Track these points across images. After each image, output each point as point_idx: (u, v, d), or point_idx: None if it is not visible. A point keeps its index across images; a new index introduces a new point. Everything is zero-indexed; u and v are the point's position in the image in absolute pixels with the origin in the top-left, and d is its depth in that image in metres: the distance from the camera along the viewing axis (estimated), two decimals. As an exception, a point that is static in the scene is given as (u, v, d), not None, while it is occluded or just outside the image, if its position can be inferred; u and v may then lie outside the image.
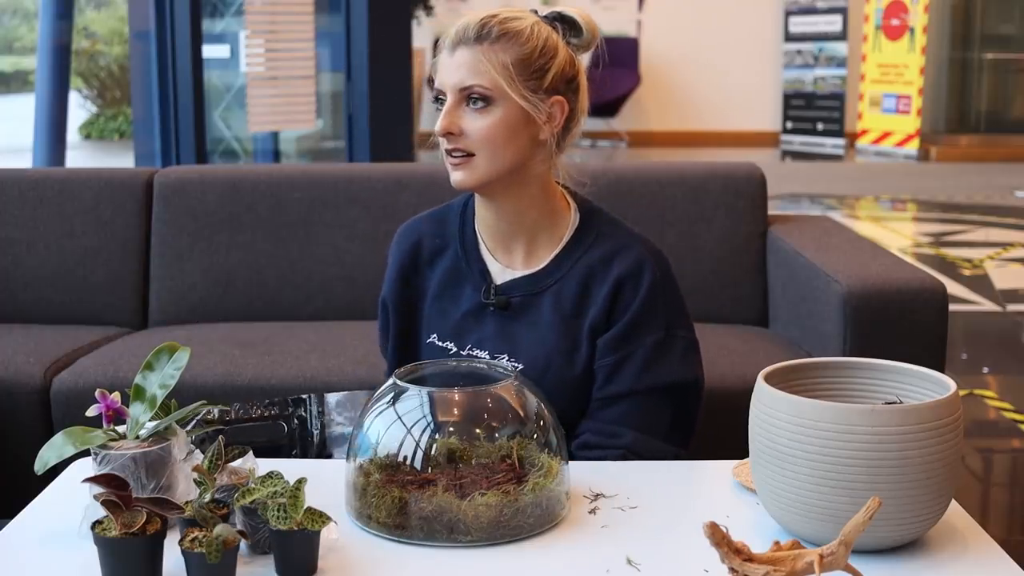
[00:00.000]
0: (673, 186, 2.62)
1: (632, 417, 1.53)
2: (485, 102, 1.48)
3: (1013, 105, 10.94)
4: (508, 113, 1.49)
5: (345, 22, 5.32)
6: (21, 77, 14.76)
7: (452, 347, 1.61)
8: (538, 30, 1.51)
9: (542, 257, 1.59)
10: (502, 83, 1.48)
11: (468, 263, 1.62)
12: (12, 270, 2.69)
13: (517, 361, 1.56)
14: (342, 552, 1.19)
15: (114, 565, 1.10)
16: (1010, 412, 3.56)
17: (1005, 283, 5.31)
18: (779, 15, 10.94)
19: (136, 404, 1.27)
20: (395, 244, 1.69)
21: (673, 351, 1.55)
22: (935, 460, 1.15)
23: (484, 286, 1.59)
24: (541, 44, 1.50)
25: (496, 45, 1.48)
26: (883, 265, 2.23)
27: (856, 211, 7.41)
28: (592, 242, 1.58)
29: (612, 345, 1.54)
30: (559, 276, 1.57)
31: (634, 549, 1.19)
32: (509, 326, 1.58)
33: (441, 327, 1.63)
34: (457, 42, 1.50)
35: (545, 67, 1.50)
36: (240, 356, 2.29)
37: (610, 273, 1.55)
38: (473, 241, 1.63)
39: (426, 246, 1.66)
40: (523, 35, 1.50)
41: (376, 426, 1.27)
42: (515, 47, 1.49)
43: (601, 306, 1.54)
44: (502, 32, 1.49)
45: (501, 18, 1.50)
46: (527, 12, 1.54)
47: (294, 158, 6.28)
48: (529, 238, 1.59)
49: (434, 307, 1.64)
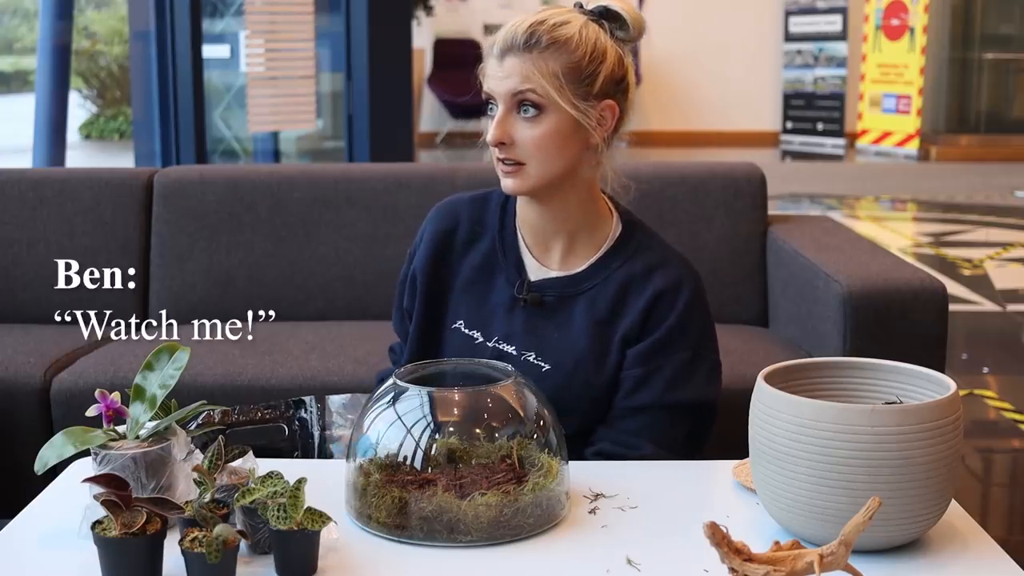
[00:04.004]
0: (673, 186, 2.62)
1: (652, 430, 1.54)
2: (537, 110, 1.48)
3: (1013, 105, 10.94)
4: (559, 122, 1.48)
5: (345, 22, 5.32)
6: (21, 77, 14.76)
7: (478, 336, 1.60)
8: (586, 34, 1.49)
9: (579, 260, 1.59)
10: (552, 93, 1.46)
11: (504, 255, 1.61)
12: (12, 270, 2.69)
13: (544, 361, 1.55)
14: (342, 552, 1.19)
15: (114, 565, 1.10)
16: (1010, 412, 3.56)
17: (1005, 283, 5.31)
18: (779, 15, 10.94)
19: (136, 404, 1.27)
20: (431, 221, 1.67)
21: (700, 371, 1.55)
22: (935, 460, 1.15)
23: (518, 281, 1.59)
24: (590, 49, 1.48)
25: (546, 53, 1.47)
26: (883, 265, 2.23)
27: (856, 211, 7.41)
28: (633, 253, 1.58)
29: (642, 357, 1.54)
30: (596, 282, 1.57)
31: (634, 549, 1.19)
32: (539, 324, 1.57)
33: (469, 315, 1.61)
34: (506, 49, 1.48)
35: (595, 72, 1.49)
36: (240, 356, 2.29)
37: (649, 286, 1.55)
38: (512, 234, 1.62)
39: (463, 231, 1.65)
40: (572, 42, 1.47)
41: (376, 426, 1.27)
42: (565, 55, 1.47)
43: (636, 317, 1.54)
44: (551, 40, 1.47)
45: (550, 24, 1.48)
46: (574, 12, 1.52)
47: (294, 158, 6.28)
48: (569, 240, 1.59)
49: (464, 294, 1.62)
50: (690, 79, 11.02)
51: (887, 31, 10.20)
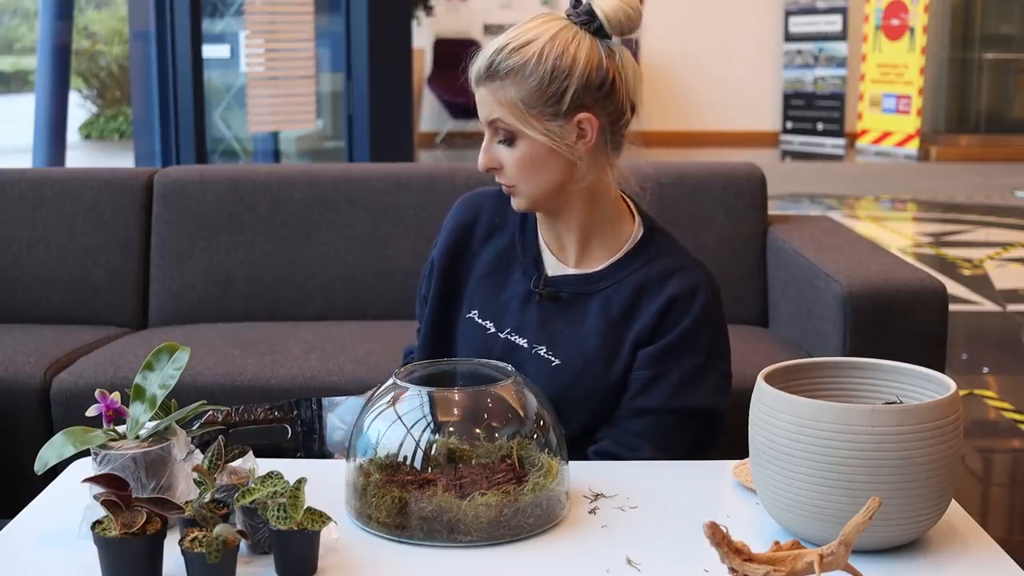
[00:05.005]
0: (673, 186, 2.62)
1: (654, 434, 1.53)
2: (509, 137, 1.50)
3: (1013, 105, 10.94)
4: (531, 146, 1.49)
5: (345, 22, 5.31)
6: (21, 77, 14.76)
7: (491, 327, 1.60)
8: (549, 51, 1.45)
9: (596, 260, 1.59)
10: (516, 122, 1.47)
11: (524, 249, 1.63)
12: (12, 270, 2.69)
13: (555, 356, 1.56)
14: (342, 552, 1.19)
15: (114, 565, 1.10)
16: (1010, 412, 3.56)
17: (1005, 283, 5.31)
18: (779, 15, 10.94)
19: (136, 404, 1.27)
20: (455, 212, 1.70)
21: (709, 379, 1.55)
22: (935, 460, 1.15)
23: (536, 275, 1.60)
24: (551, 69, 1.45)
25: (506, 81, 1.46)
26: (883, 265, 2.23)
27: (856, 211, 7.41)
28: (652, 257, 1.58)
29: (651, 360, 1.54)
30: (612, 282, 1.57)
31: (634, 549, 1.19)
32: (552, 319, 1.58)
33: (484, 305, 1.63)
34: (476, 79, 1.50)
35: (561, 90, 1.46)
36: (240, 356, 2.29)
37: (664, 290, 1.54)
38: (533, 229, 1.64)
39: (484, 222, 1.66)
40: (529, 66, 1.45)
41: (376, 426, 1.27)
42: (523, 80, 1.46)
43: (649, 320, 1.54)
44: (508, 68, 1.46)
45: (508, 51, 1.46)
46: (546, 25, 1.47)
47: (294, 158, 6.28)
48: (583, 240, 1.59)
49: (480, 285, 1.64)
50: (690, 79, 11.02)
51: (887, 31, 10.20)
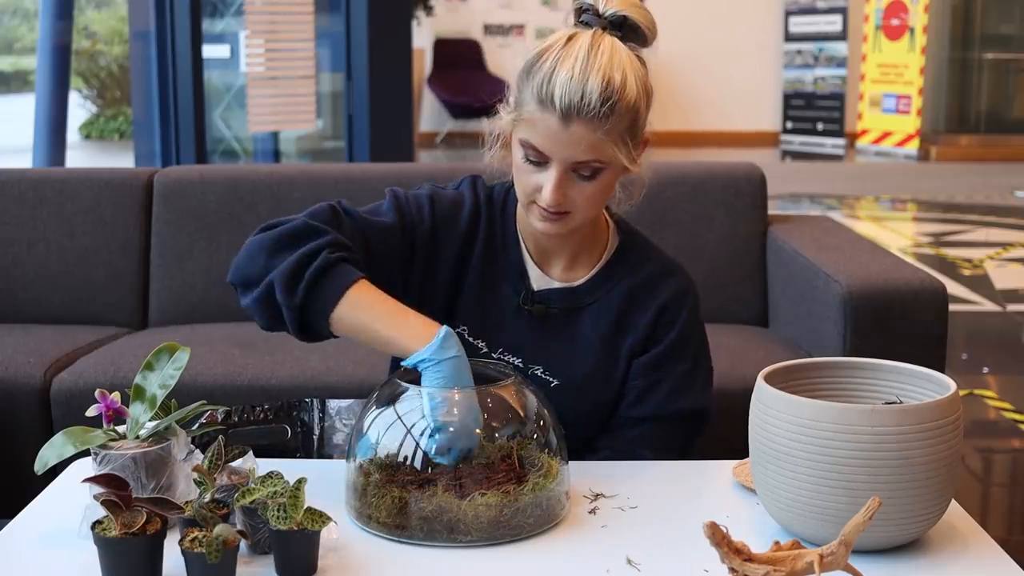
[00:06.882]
0: (673, 186, 2.62)
1: (653, 439, 1.54)
2: (595, 172, 1.42)
3: (1013, 105, 10.94)
4: (613, 174, 1.45)
5: (345, 22, 5.31)
6: (21, 77, 14.76)
7: (483, 346, 1.55)
8: (637, 77, 1.42)
9: (580, 272, 1.56)
10: (619, 155, 1.41)
11: (507, 260, 1.56)
12: (12, 270, 2.69)
13: (553, 376, 1.54)
14: (342, 552, 1.19)
15: (114, 565, 1.10)
16: (1010, 412, 3.56)
17: (1005, 283, 5.31)
18: (779, 15, 10.95)
19: (136, 404, 1.27)
20: (469, 187, 1.61)
21: (698, 380, 1.56)
22: (935, 460, 1.15)
23: (523, 290, 1.55)
24: (644, 94, 1.43)
25: (616, 118, 1.39)
26: (883, 265, 2.23)
27: (856, 211, 7.41)
28: (634, 264, 1.57)
29: (645, 370, 1.54)
30: (599, 295, 1.55)
31: (634, 549, 1.19)
32: (544, 337, 1.55)
33: (473, 321, 1.56)
34: (575, 113, 1.37)
35: (645, 117, 1.45)
36: (240, 356, 2.29)
37: (653, 299, 1.54)
38: (514, 239, 1.57)
39: (480, 239, 1.58)
40: (633, 97, 1.41)
41: (376, 426, 1.27)
42: (630, 114, 1.41)
43: (642, 332, 1.54)
44: (624, 107, 1.39)
45: (618, 85, 1.38)
46: (611, 50, 1.40)
47: (294, 158, 6.27)
48: (572, 255, 1.56)
49: (471, 296, 1.56)
50: (690, 79, 11.02)
51: (887, 31, 10.20)
